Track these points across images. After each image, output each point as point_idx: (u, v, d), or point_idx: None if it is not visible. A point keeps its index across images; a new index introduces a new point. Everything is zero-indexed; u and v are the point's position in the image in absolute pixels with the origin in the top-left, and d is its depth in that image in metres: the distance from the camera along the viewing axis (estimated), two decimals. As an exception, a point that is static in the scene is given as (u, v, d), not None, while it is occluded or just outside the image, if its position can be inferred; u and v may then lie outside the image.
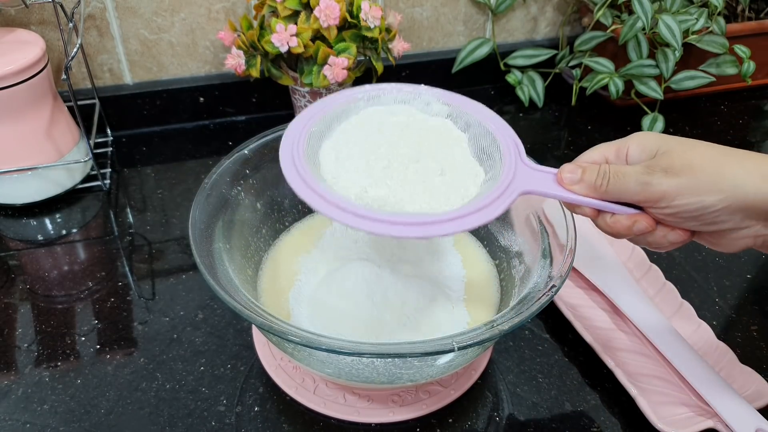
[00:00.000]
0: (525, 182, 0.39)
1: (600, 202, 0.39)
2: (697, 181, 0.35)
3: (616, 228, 0.39)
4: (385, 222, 0.36)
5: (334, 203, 0.37)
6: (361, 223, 0.36)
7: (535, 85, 0.88)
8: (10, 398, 0.50)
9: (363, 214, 0.36)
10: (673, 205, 0.36)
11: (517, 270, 0.50)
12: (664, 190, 0.36)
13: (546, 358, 0.54)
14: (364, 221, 0.36)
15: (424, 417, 0.49)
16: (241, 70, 0.72)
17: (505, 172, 0.40)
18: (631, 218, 0.38)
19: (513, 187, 0.39)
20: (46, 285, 0.60)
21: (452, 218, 0.37)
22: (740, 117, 0.88)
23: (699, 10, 0.78)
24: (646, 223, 0.38)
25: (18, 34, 0.66)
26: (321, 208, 0.37)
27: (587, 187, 0.39)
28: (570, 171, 0.39)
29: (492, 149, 0.42)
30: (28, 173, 0.66)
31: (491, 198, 0.38)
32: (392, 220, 0.36)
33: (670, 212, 0.37)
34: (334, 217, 0.37)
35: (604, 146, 0.40)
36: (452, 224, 0.37)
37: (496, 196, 0.38)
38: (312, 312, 0.48)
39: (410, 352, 0.37)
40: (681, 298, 0.57)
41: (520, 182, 0.39)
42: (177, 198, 0.71)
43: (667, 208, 0.37)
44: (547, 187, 0.40)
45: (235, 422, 0.48)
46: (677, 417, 0.47)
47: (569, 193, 0.39)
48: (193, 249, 0.43)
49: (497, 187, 0.39)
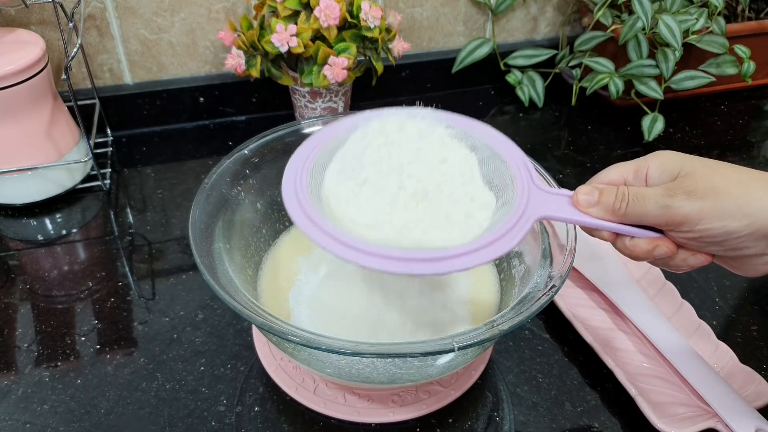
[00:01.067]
0: (540, 207, 0.38)
1: (619, 226, 0.38)
2: (722, 205, 0.34)
3: (635, 252, 0.38)
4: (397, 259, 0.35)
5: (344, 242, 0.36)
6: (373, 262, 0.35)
7: (535, 85, 0.88)
8: (10, 398, 0.50)
9: (375, 252, 0.35)
10: (696, 230, 0.35)
11: (517, 270, 0.50)
12: (686, 213, 0.34)
13: (546, 358, 0.54)
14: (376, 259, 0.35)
15: (424, 417, 0.49)
16: (241, 70, 0.72)
17: (518, 198, 0.38)
18: (651, 242, 0.37)
19: (528, 213, 0.38)
20: (46, 285, 0.60)
21: (467, 252, 0.36)
22: (740, 117, 0.88)
23: (699, 10, 0.78)
24: (667, 248, 0.37)
25: (18, 34, 0.66)
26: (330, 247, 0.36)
27: (605, 210, 0.37)
28: (586, 193, 0.38)
29: (502, 172, 0.40)
30: (28, 173, 0.66)
31: (506, 228, 0.37)
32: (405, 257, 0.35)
33: (693, 236, 0.35)
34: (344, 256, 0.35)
35: (622, 166, 0.39)
36: (467, 258, 0.36)
37: (511, 226, 0.37)
38: (312, 312, 0.48)
39: (410, 352, 0.37)
40: (681, 298, 0.57)
41: (535, 208, 0.38)
42: (177, 198, 0.71)
43: (690, 232, 0.35)
44: (563, 212, 0.38)
45: (235, 422, 0.48)
46: (677, 417, 0.47)
47: (587, 216, 0.38)
48: (193, 249, 0.43)
49: (512, 216, 0.37)
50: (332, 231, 0.36)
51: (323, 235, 0.36)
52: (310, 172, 0.40)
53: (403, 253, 0.35)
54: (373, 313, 0.46)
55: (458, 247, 0.36)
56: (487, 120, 0.86)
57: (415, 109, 0.43)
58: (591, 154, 0.79)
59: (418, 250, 0.36)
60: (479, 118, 0.93)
